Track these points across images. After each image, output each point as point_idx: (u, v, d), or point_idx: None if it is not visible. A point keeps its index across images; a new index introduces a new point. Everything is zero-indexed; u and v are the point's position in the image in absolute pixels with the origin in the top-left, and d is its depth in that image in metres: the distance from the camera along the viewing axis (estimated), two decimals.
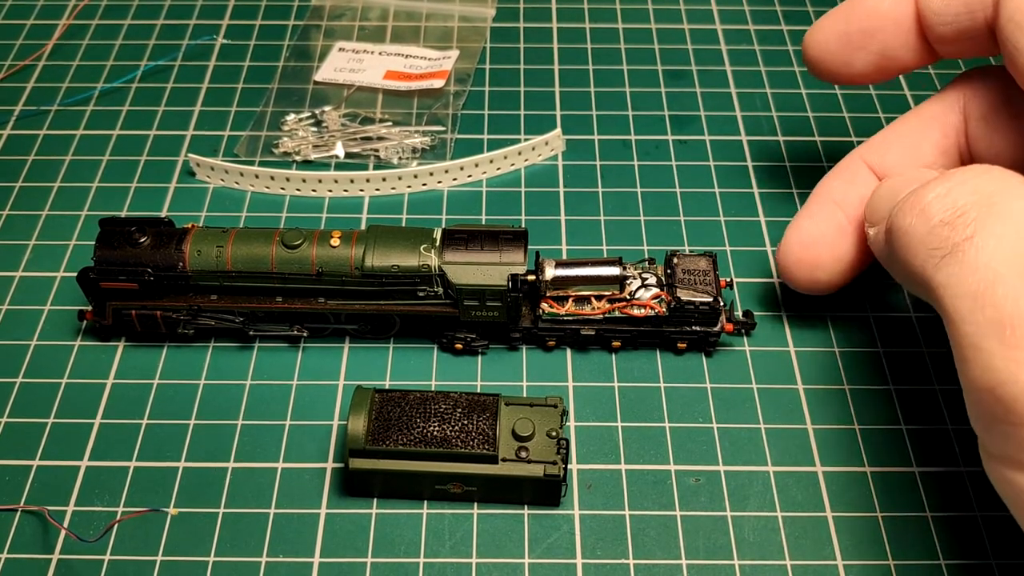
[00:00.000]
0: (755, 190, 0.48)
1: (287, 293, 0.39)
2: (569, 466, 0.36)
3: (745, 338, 0.41)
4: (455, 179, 0.48)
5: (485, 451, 0.34)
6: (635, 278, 0.40)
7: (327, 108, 0.52)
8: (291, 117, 0.51)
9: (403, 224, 0.46)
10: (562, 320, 0.39)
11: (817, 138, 0.50)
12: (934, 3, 0.36)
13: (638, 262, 0.41)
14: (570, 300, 0.39)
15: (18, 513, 0.36)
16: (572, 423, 0.38)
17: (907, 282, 0.32)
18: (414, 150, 0.50)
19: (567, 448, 0.34)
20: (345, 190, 0.47)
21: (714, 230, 0.46)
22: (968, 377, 0.28)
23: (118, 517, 0.35)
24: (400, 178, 0.47)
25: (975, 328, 0.27)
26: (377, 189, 0.48)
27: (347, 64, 0.55)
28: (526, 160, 0.49)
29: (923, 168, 0.36)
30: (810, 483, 0.36)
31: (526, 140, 0.49)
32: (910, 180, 0.33)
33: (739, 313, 0.41)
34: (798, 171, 0.49)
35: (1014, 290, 0.27)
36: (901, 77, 0.53)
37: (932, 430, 0.38)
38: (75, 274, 0.39)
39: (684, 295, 0.39)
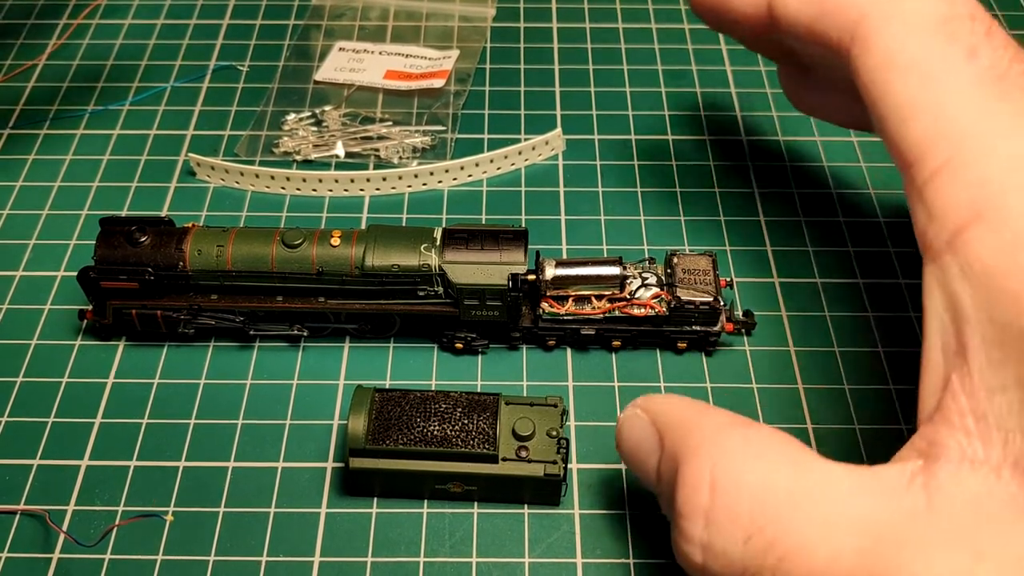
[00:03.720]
0: (755, 190, 0.48)
1: (287, 292, 0.39)
2: (569, 466, 0.36)
3: (745, 338, 0.41)
4: (455, 179, 0.48)
5: (485, 450, 0.34)
6: (635, 278, 0.40)
7: (327, 108, 0.52)
8: (291, 117, 0.51)
9: (403, 224, 0.46)
10: (562, 320, 0.39)
11: (817, 138, 0.50)
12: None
13: (638, 262, 0.41)
14: (570, 300, 0.39)
15: (18, 513, 0.36)
16: (572, 423, 0.38)
17: None
18: (414, 150, 0.50)
19: (567, 448, 0.34)
20: (345, 190, 0.47)
21: (714, 230, 0.46)
22: None
23: (116, 521, 0.35)
24: (400, 178, 0.47)
25: None
26: (377, 189, 0.48)
27: (347, 64, 0.55)
28: (526, 160, 0.49)
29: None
30: None
31: (526, 140, 0.49)
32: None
33: (739, 313, 0.41)
34: (797, 171, 0.49)
35: None
36: None
37: None
38: (75, 273, 0.39)
39: (684, 295, 0.39)
